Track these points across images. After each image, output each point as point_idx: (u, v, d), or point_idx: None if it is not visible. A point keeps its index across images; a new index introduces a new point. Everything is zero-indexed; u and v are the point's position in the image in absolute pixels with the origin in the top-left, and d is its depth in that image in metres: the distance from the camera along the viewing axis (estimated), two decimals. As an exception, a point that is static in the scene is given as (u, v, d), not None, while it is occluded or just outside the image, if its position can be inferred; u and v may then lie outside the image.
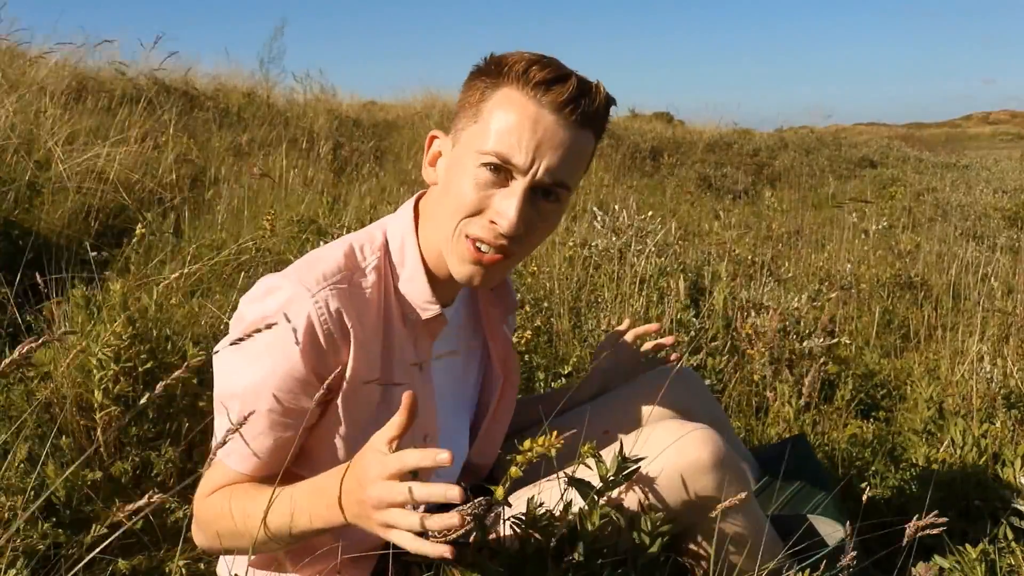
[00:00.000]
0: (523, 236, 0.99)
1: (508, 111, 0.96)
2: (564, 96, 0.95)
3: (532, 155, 0.95)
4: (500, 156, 0.96)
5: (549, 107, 0.95)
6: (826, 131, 14.46)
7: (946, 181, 9.46)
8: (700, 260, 3.67)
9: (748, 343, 2.45)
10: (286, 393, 0.99)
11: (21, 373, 1.65)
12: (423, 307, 1.07)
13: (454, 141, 1.03)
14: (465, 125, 1.00)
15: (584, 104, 0.97)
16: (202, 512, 1.04)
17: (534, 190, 0.98)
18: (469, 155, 0.98)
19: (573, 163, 0.99)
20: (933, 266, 4.17)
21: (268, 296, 1.00)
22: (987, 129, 52.30)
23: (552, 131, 0.96)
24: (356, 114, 7.29)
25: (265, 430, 1.01)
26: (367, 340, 1.02)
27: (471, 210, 0.98)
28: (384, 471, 0.85)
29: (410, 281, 1.07)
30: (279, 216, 3.01)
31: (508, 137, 0.95)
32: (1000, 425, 1.91)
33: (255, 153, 4.73)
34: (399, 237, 1.08)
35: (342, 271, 1.02)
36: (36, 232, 2.57)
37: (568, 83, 0.96)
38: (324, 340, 0.98)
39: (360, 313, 1.02)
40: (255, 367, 0.99)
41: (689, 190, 7.13)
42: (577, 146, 0.98)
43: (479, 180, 0.97)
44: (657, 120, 11.85)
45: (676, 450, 1.06)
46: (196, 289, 2.20)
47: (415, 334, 1.09)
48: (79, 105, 4.33)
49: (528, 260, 3.20)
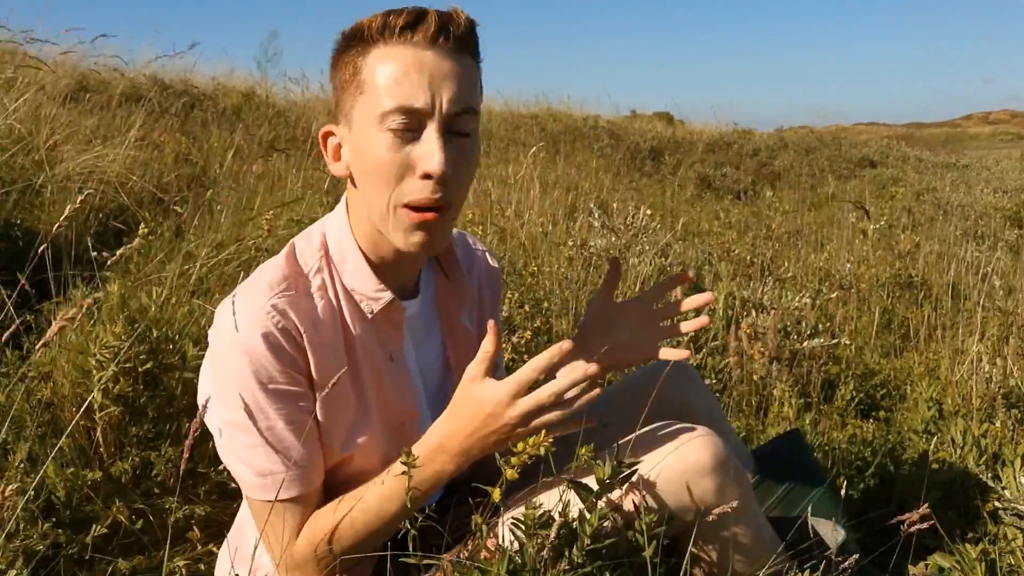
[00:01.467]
0: (452, 181, 0.98)
1: (388, 65, 0.95)
2: (432, 30, 0.95)
3: (430, 92, 0.95)
4: (402, 108, 0.95)
5: (422, 45, 0.95)
6: (826, 131, 14.47)
7: (946, 181, 9.46)
8: (700, 260, 3.67)
9: (749, 343, 2.45)
10: (282, 400, 1.00)
11: (21, 373, 1.64)
12: (373, 297, 1.07)
13: (348, 125, 1.01)
14: (352, 102, 0.99)
15: (452, 29, 0.96)
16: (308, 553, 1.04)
17: (447, 128, 0.97)
18: (371, 126, 0.97)
19: (469, 87, 0.99)
20: (933, 266, 4.17)
21: (226, 323, 1.00)
22: (987, 129, 52.28)
23: (436, 65, 0.95)
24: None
25: (292, 442, 1.01)
26: (324, 341, 1.03)
27: (396, 175, 0.97)
28: (513, 391, 0.97)
29: (354, 275, 1.07)
30: (279, 216, 3.01)
31: (400, 88, 0.95)
32: (1000, 425, 1.91)
33: (254, 153, 4.73)
34: (336, 234, 1.08)
35: (287, 278, 1.03)
36: (36, 232, 2.57)
37: (428, 17, 0.96)
38: (285, 341, 0.99)
39: (311, 315, 1.02)
40: (245, 392, 0.99)
41: (689, 190, 7.13)
42: (464, 71, 0.98)
43: (391, 143, 0.96)
44: (657, 120, 11.86)
45: (677, 453, 1.06)
46: (196, 289, 2.20)
47: (377, 328, 1.09)
48: (79, 105, 4.33)
49: (528, 260, 3.20)
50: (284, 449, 1.01)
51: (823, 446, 1.98)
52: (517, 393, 0.97)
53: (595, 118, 9.87)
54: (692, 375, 1.43)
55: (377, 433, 1.09)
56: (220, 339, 1.01)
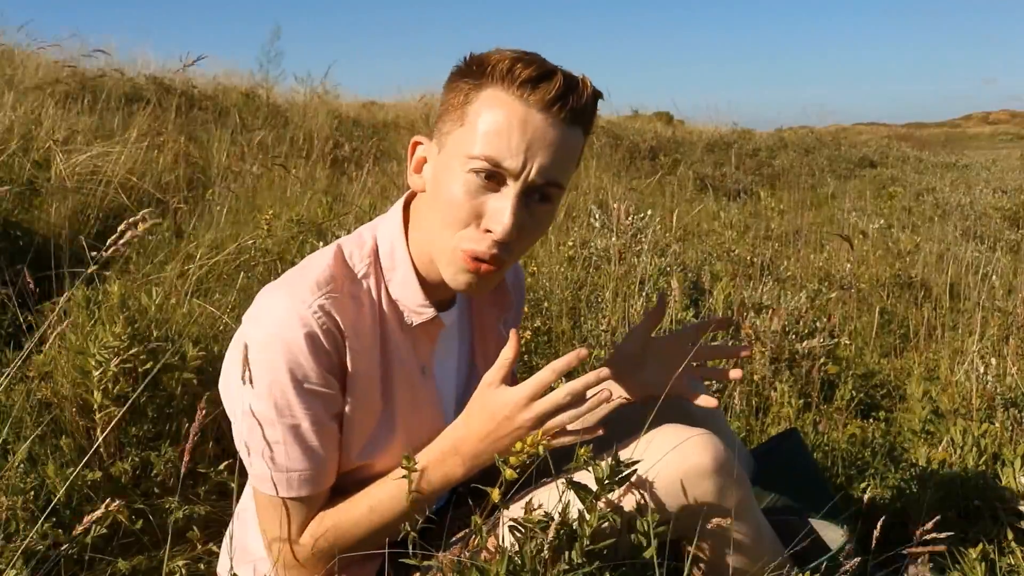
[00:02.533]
0: (516, 241, 0.98)
1: (495, 112, 0.94)
2: (551, 94, 0.93)
3: (523, 157, 0.93)
4: (490, 160, 0.94)
5: (536, 106, 0.93)
6: (826, 131, 14.46)
7: (946, 181, 9.46)
8: (700, 260, 3.67)
9: (749, 343, 2.45)
10: (313, 398, 0.99)
11: (21, 373, 1.64)
12: (417, 311, 1.07)
13: (439, 146, 1.00)
14: (450, 129, 0.98)
15: (572, 101, 0.94)
16: (308, 550, 1.05)
17: (527, 192, 0.96)
18: (457, 160, 0.96)
19: (564, 162, 0.97)
20: (933, 266, 4.17)
21: (267, 314, 1.00)
22: (987, 129, 52.31)
23: (542, 131, 0.94)
24: (356, 114, 7.29)
25: (314, 441, 1.01)
26: (363, 347, 1.03)
27: (464, 220, 0.96)
28: (531, 392, 0.98)
29: (402, 286, 1.06)
30: (279, 216, 3.01)
31: (497, 140, 0.93)
32: (1000, 425, 1.91)
33: (255, 153, 4.73)
34: (388, 242, 1.07)
35: (335, 279, 1.02)
36: (36, 232, 2.57)
37: (554, 80, 0.93)
38: (328, 344, 0.99)
39: (354, 319, 1.02)
40: (275, 387, 0.98)
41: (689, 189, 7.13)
42: (567, 144, 0.96)
43: (470, 187, 0.95)
44: (657, 120, 11.85)
45: (677, 454, 1.06)
46: (196, 289, 2.20)
47: (413, 338, 1.09)
48: (79, 105, 4.33)
49: (528, 260, 3.20)
50: (305, 449, 1.01)
51: (823, 446, 1.98)
52: (534, 395, 0.98)
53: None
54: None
55: (399, 444, 1.09)
56: (259, 328, 0.99)
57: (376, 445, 1.08)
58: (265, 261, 2.57)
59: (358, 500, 1.05)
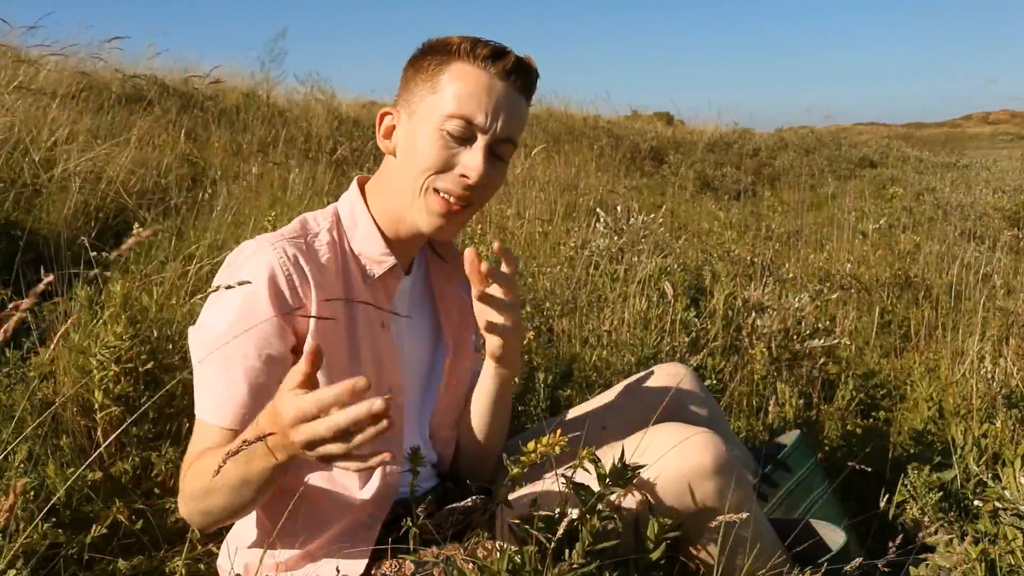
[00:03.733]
0: (481, 189, 1.12)
1: (465, 80, 1.10)
2: (509, 66, 1.12)
3: (491, 116, 1.10)
4: (464, 117, 1.09)
5: (498, 75, 1.11)
6: (826, 131, 14.46)
7: (946, 181, 9.46)
8: (700, 260, 3.67)
9: (749, 343, 2.45)
10: (258, 339, 1.05)
11: (22, 373, 1.65)
12: (379, 259, 1.17)
13: (408, 113, 1.14)
14: (421, 96, 1.13)
15: (523, 73, 1.13)
16: (185, 481, 1.07)
17: (492, 146, 1.11)
18: (432, 119, 1.11)
19: (518, 123, 1.15)
20: (933, 266, 4.17)
21: (235, 257, 1.12)
22: (987, 129, 52.29)
23: (504, 95, 1.12)
24: (356, 114, 7.29)
25: (240, 378, 1.05)
26: (327, 286, 1.10)
27: (438, 167, 1.10)
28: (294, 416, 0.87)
29: (364, 239, 1.17)
30: (280, 216, 3.01)
31: (469, 101, 1.10)
32: (1000, 425, 1.91)
33: (255, 153, 4.73)
34: (348, 205, 1.20)
35: (299, 232, 1.14)
36: (36, 232, 2.57)
37: (509, 55, 1.12)
38: (286, 285, 1.07)
39: (318, 264, 1.11)
40: (226, 316, 1.06)
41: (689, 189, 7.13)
42: (521, 108, 1.15)
43: (444, 140, 1.10)
44: (657, 120, 11.86)
45: (678, 455, 1.06)
46: (196, 289, 2.20)
47: (374, 292, 1.17)
48: (79, 105, 4.33)
49: (528, 260, 3.20)
50: (230, 380, 1.05)
51: (823, 446, 1.98)
52: (297, 419, 0.88)
53: (595, 118, 9.86)
54: (692, 377, 1.43)
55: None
56: (227, 270, 1.10)
57: None
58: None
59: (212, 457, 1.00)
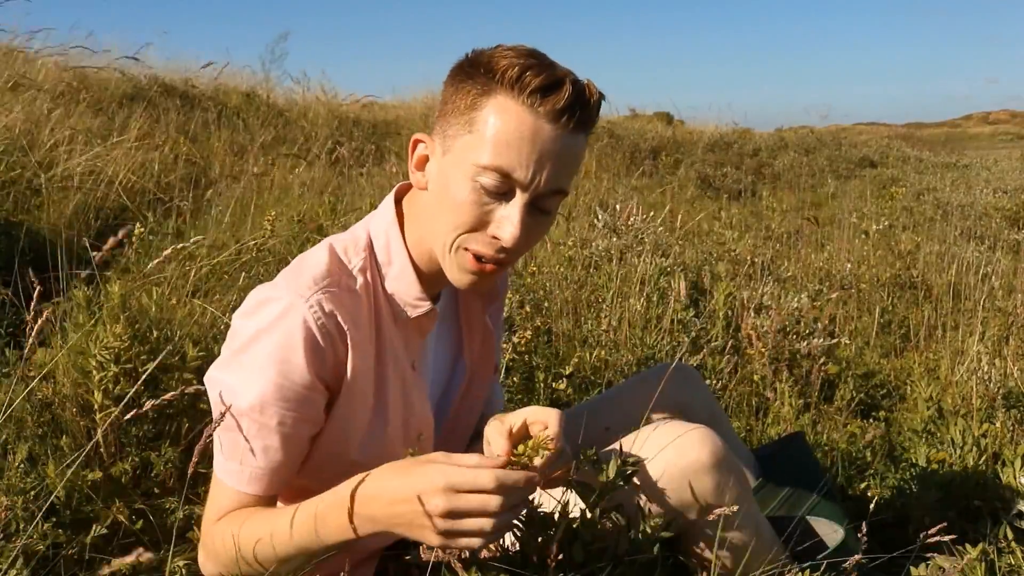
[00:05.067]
0: (518, 248, 0.98)
1: (505, 122, 0.93)
2: (561, 104, 0.92)
3: (533, 168, 0.93)
4: (500, 171, 0.93)
5: (546, 117, 0.92)
6: (826, 131, 14.44)
7: (946, 181, 9.45)
8: (700, 260, 3.67)
9: (748, 343, 2.45)
10: (293, 403, 0.98)
11: (22, 373, 1.64)
12: (413, 304, 1.06)
13: (444, 149, 0.99)
14: (457, 133, 0.97)
15: (579, 110, 0.94)
16: (214, 541, 1.01)
17: (533, 203, 0.97)
18: (465, 166, 0.95)
19: (570, 169, 0.98)
20: (933, 266, 4.16)
21: (261, 308, 0.99)
22: (987, 129, 52.28)
23: (551, 142, 0.93)
24: (356, 114, 7.29)
25: (276, 445, 0.99)
26: (361, 340, 1.02)
27: (472, 225, 0.97)
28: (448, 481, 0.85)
29: (398, 280, 1.06)
30: (280, 216, 3.01)
31: (507, 151, 0.93)
32: (1000, 425, 1.91)
33: (255, 153, 4.73)
34: (383, 235, 1.07)
35: (331, 275, 1.01)
36: (36, 232, 2.57)
37: (563, 89, 0.93)
38: (323, 342, 0.98)
39: (353, 315, 1.01)
40: (258, 382, 0.97)
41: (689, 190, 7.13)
42: (573, 152, 0.97)
43: (478, 195, 0.95)
44: (657, 120, 11.85)
45: (675, 451, 1.06)
46: (196, 289, 2.20)
47: (406, 332, 1.08)
48: (79, 105, 4.33)
49: (528, 260, 3.20)
50: (264, 448, 0.99)
51: (823, 446, 1.97)
52: (452, 487, 0.85)
53: (595, 118, 9.84)
54: (693, 377, 1.44)
55: (394, 441, 1.08)
56: (252, 324, 0.99)
57: (373, 441, 1.07)
58: (266, 261, 2.57)
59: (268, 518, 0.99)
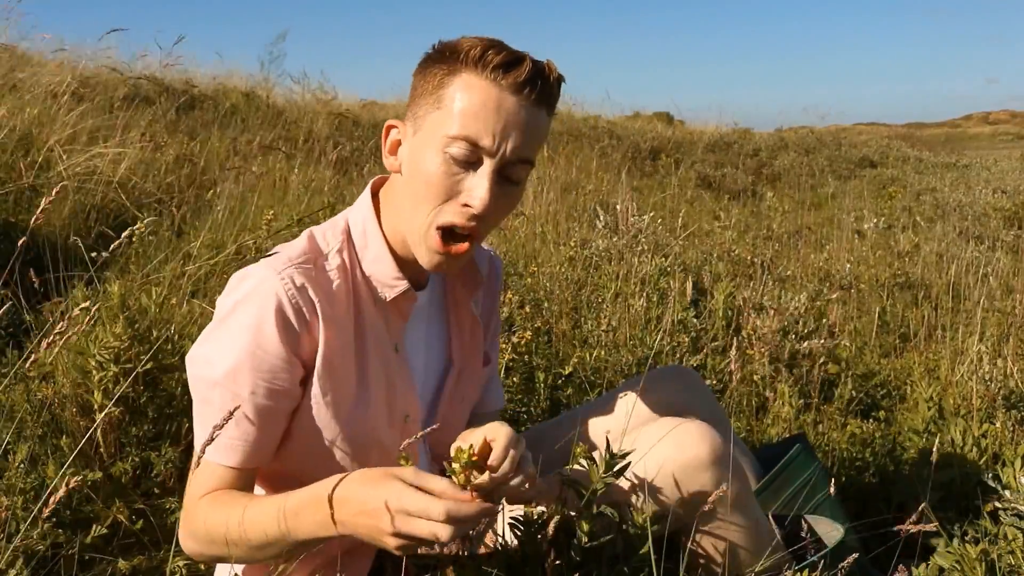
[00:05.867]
0: (488, 218, 1.01)
1: (471, 95, 0.98)
2: (522, 77, 0.98)
3: (499, 137, 0.98)
4: (468, 139, 0.98)
5: (509, 89, 0.98)
6: (826, 131, 14.45)
7: (946, 181, 9.46)
8: (700, 260, 3.67)
9: (749, 343, 2.45)
10: (266, 373, 1.00)
11: (22, 373, 1.64)
12: (390, 284, 1.09)
13: (414, 128, 1.03)
14: (426, 112, 1.01)
15: (540, 84, 0.99)
16: (195, 519, 1.02)
17: (501, 170, 1.00)
18: (435, 140, 1.00)
19: (534, 140, 1.02)
20: (933, 266, 4.17)
21: (239, 284, 1.03)
22: (987, 129, 52.27)
23: (514, 112, 0.98)
24: (356, 114, 7.29)
25: (250, 415, 1.00)
26: (337, 316, 1.04)
27: (442, 195, 1.00)
28: (405, 506, 0.85)
29: (375, 261, 1.09)
30: (280, 216, 3.01)
31: (474, 121, 0.98)
32: (1000, 425, 1.91)
33: (255, 153, 4.73)
34: (360, 222, 1.11)
35: (307, 253, 1.05)
36: (36, 233, 2.57)
37: (524, 65, 0.98)
38: (294, 316, 1.00)
39: (327, 293, 1.04)
40: (232, 351, 1.00)
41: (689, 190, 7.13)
42: (536, 124, 1.01)
43: (448, 165, 0.99)
44: (657, 120, 11.86)
45: (674, 447, 1.06)
46: (196, 290, 2.20)
47: (386, 315, 1.10)
48: (79, 105, 4.33)
49: (528, 260, 3.20)
50: (239, 419, 1.00)
51: (823, 446, 1.98)
52: (404, 511, 0.86)
53: (595, 118, 9.88)
54: (693, 378, 1.44)
55: (377, 421, 1.08)
56: (229, 298, 1.02)
57: (356, 421, 1.06)
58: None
59: (245, 504, 0.99)
